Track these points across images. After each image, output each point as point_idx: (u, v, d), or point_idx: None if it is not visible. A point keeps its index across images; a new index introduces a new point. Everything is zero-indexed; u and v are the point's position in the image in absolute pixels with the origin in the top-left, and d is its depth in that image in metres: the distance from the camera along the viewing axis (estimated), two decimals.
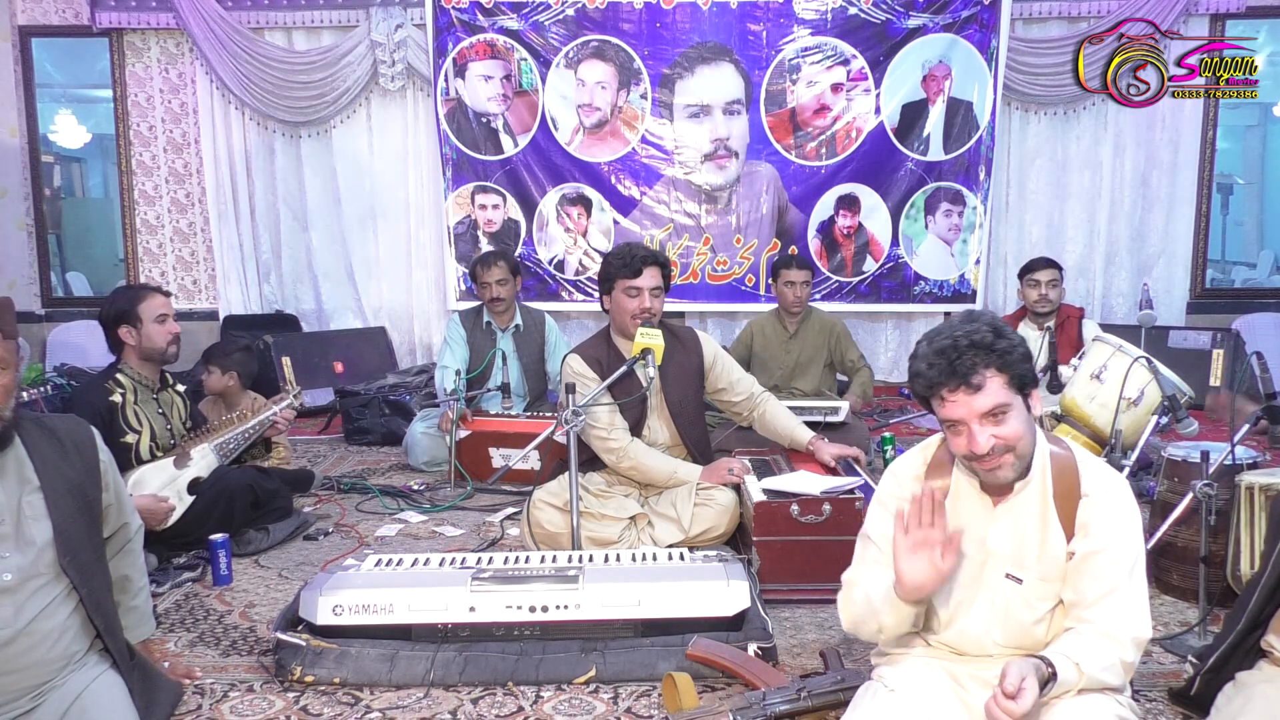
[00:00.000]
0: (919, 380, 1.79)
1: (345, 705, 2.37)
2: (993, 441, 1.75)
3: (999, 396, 1.74)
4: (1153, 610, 2.88)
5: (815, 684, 2.19)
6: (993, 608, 1.86)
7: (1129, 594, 1.77)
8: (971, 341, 1.73)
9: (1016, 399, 1.76)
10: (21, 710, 1.88)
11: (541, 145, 6.38)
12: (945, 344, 1.75)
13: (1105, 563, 1.77)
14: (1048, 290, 4.61)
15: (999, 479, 1.81)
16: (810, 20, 6.19)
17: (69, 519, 1.96)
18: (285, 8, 6.45)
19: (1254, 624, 2.05)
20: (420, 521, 3.90)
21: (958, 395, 1.74)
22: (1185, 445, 3.10)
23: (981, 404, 1.73)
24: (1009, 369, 1.74)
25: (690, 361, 3.49)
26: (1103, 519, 1.79)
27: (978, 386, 1.73)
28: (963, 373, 1.72)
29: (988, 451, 1.75)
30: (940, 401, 1.77)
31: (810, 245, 6.38)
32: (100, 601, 2.02)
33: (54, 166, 7.56)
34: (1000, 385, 1.74)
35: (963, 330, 1.76)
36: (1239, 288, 7.61)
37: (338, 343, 6.39)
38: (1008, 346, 1.75)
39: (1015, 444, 1.77)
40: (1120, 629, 1.74)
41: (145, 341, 3.38)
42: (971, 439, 1.75)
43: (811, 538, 2.93)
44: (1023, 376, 1.77)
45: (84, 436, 2.08)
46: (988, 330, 1.75)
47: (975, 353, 1.72)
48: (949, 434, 1.82)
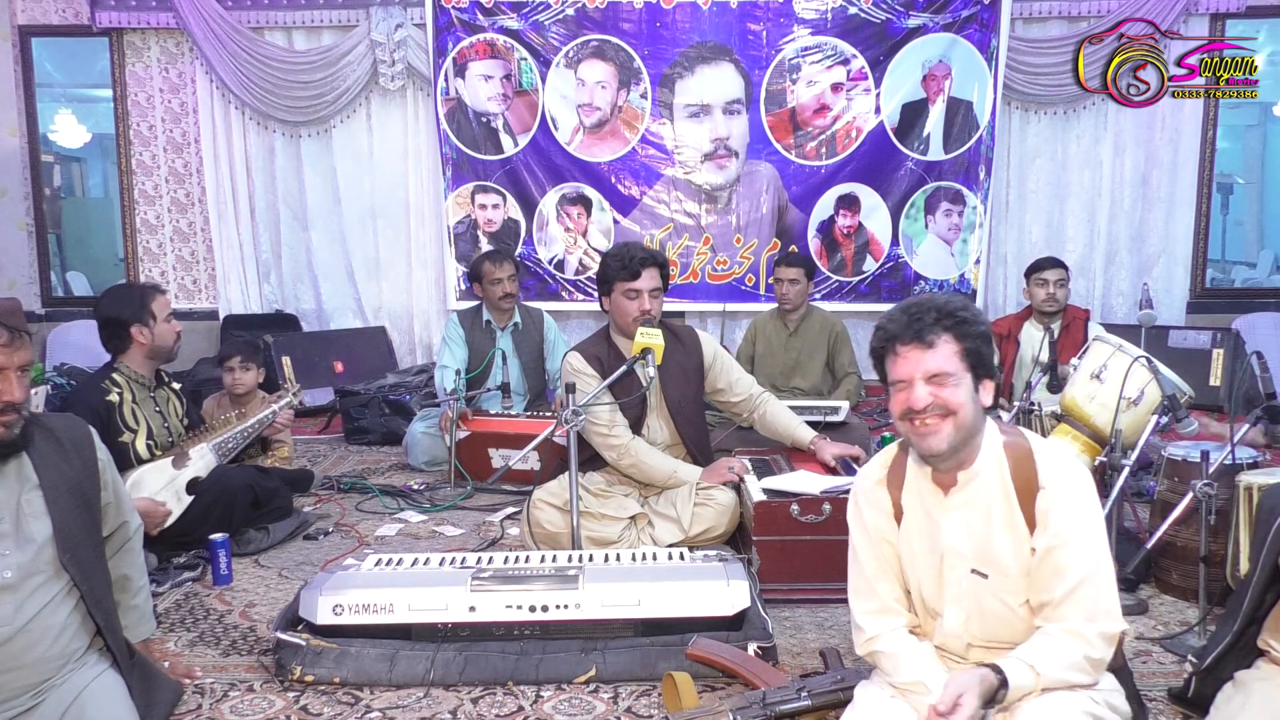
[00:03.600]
0: (879, 333, 1.83)
1: (345, 705, 2.37)
2: (930, 399, 1.75)
3: (948, 364, 1.76)
4: (1153, 610, 2.91)
5: (815, 684, 2.19)
6: (964, 605, 1.85)
7: (1094, 588, 1.75)
8: (936, 305, 1.78)
9: (966, 375, 1.78)
10: (22, 708, 1.89)
11: (541, 145, 6.38)
12: (911, 303, 1.80)
13: (1068, 557, 1.75)
14: (1055, 290, 4.60)
15: (930, 446, 1.78)
16: (810, 20, 6.19)
17: (68, 517, 1.97)
18: (285, 8, 6.45)
19: (1249, 622, 2.05)
20: (420, 521, 3.90)
21: (909, 350, 1.77)
22: (1185, 445, 3.09)
23: (930, 363, 1.76)
24: (964, 339, 1.77)
25: (690, 361, 3.48)
26: (1061, 511, 1.77)
27: (930, 344, 1.76)
28: (918, 329, 1.76)
29: (924, 408, 1.76)
30: (893, 357, 1.80)
31: (810, 245, 6.38)
32: (100, 599, 2.02)
33: (54, 166, 7.56)
34: (952, 353, 1.77)
35: (933, 297, 1.82)
36: (1239, 287, 7.60)
37: (338, 342, 6.39)
38: (970, 319, 1.79)
39: (955, 410, 1.76)
40: (1087, 625, 1.73)
41: (157, 340, 3.39)
42: (910, 392, 1.77)
43: (811, 537, 2.92)
44: (977, 353, 1.78)
45: (82, 435, 2.09)
46: (959, 303, 1.80)
47: (937, 314, 1.77)
48: (894, 394, 1.82)
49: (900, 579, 1.94)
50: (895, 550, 1.92)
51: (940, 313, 1.77)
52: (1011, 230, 6.54)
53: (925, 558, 1.87)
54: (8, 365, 1.91)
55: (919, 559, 1.89)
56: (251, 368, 4.23)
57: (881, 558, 1.93)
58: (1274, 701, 1.90)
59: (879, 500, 1.94)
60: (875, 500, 1.94)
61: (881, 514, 1.93)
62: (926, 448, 1.80)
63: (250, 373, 4.22)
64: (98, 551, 2.07)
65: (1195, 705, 2.17)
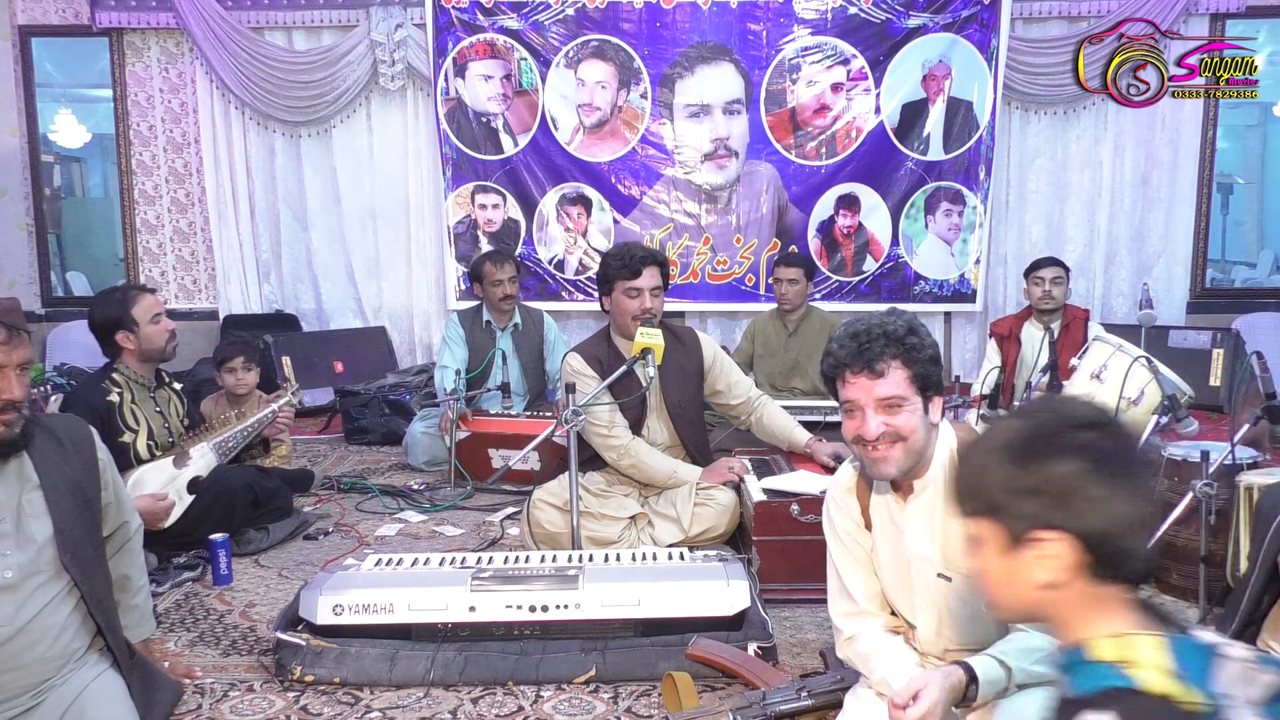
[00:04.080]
0: (828, 359, 1.85)
1: (345, 705, 2.37)
2: (883, 428, 1.79)
3: (898, 389, 1.79)
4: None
5: (815, 684, 2.19)
6: (935, 610, 1.87)
7: None
8: (884, 331, 1.79)
9: (915, 398, 1.80)
10: (22, 708, 1.88)
11: (541, 145, 6.38)
12: (859, 329, 1.82)
13: None
14: (1051, 287, 4.61)
15: (881, 472, 1.83)
16: (810, 20, 6.19)
17: (68, 517, 1.97)
18: (285, 8, 6.45)
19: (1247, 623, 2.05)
20: (420, 521, 3.90)
21: (859, 379, 1.80)
22: (1185, 445, 3.10)
23: (880, 391, 1.78)
24: (913, 365, 1.80)
25: (690, 362, 3.49)
26: None
27: (880, 373, 1.78)
28: (868, 358, 1.78)
29: (876, 437, 1.79)
30: (843, 383, 1.83)
31: (810, 245, 6.38)
32: (101, 599, 2.02)
33: (54, 166, 7.56)
34: (902, 379, 1.79)
35: (879, 321, 1.82)
36: (1239, 287, 7.60)
37: (338, 342, 6.39)
38: (917, 344, 1.80)
39: (907, 436, 1.79)
40: None
41: (145, 344, 3.37)
42: (863, 422, 1.80)
43: (811, 537, 2.91)
44: (926, 377, 1.81)
45: (82, 435, 2.08)
46: (902, 326, 1.81)
47: (885, 342, 1.78)
48: (845, 417, 1.85)
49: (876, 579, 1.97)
50: (868, 553, 1.96)
51: (888, 338, 1.79)
52: (1011, 230, 6.54)
53: (893, 566, 1.90)
54: (7, 363, 1.90)
55: (886, 569, 1.92)
56: (253, 368, 4.24)
57: (856, 560, 1.97)
58: None
59: (849, 507, 1.98)
60: (846, 507, 1.99)
61: (852, 520, 1.98)
62: (877, 472, 1.85)
63: (252, 373, 4.22)
64: (98, 551, 2.06)
65: None
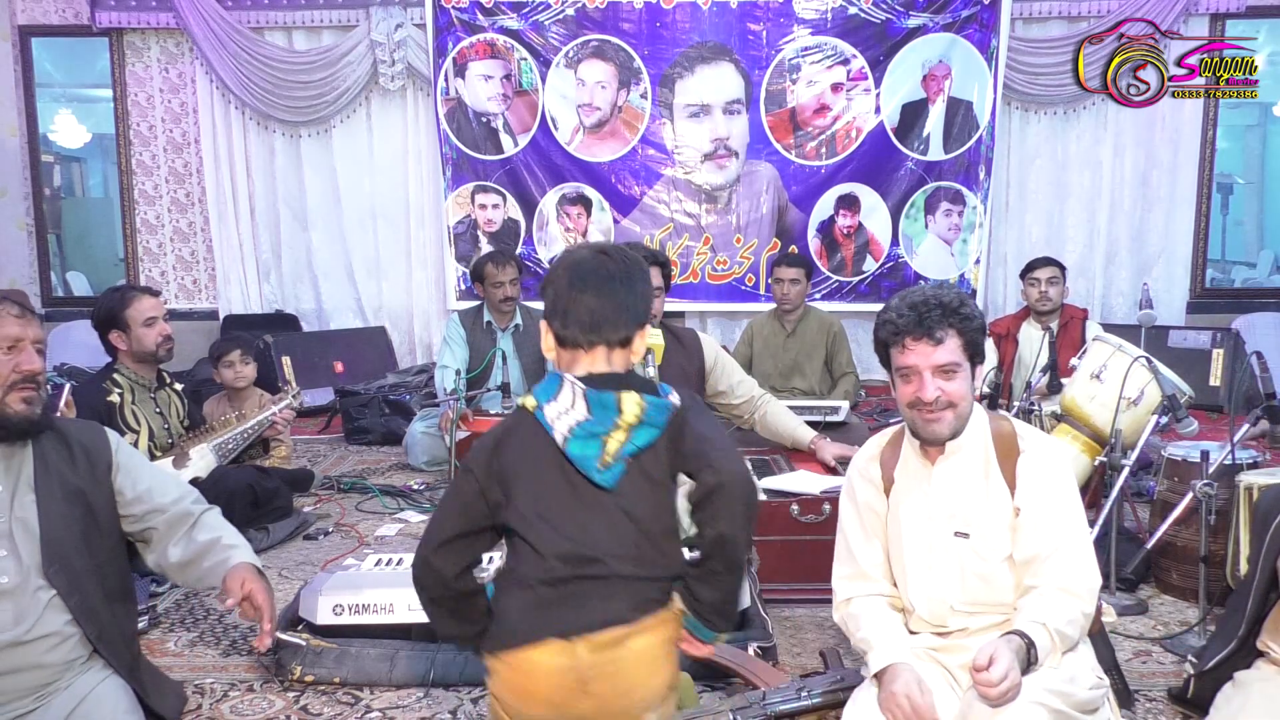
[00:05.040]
0: (887, 326, 1.95)
1: (345, 705, 2.37)
2: (939, 392, 1.89)
3: (954, 355, 1.89)
4: (1153, 610, 2.91)
5: (815, 684, 2.19)
6: (948, 567, 1.93)
7: (1078, 546, 1.87)
8: (940, 302, 1.90)
9: (966, 364, 1.92)
10: (25, 709, 1.86)
11: (541, 145, 6.38)
12: (917, 299, 1.92)
13: (1052, 517, 1.87)
14: (1047, 288, 4.61)
15: (934, 433, 1.93)
16: (810, 20, 6.19)
17: (60, 525, 1.88)
18: (285, 8, 6.45)
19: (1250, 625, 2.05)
20: (420, 521, 3.90)
21: (919, 345, 1.89)
22: (1185, 445, 3.09)
23: (938, 358, 1.89)
24: (966, 334, 1.91)
25: (691, 364, 3.48)
26: (1041, 474, 1.91)
27: (939, 340, 1.88)
28: (928, 326, 1.88)
29: (932, 400, 1.89)
30: (901, 349, 1.92)
31: (810, 245, 6.38)
32: (93, 610, 1.91)
33: (54, 166, 7.56)
34: (956, 346, 1.90)
35: (934, 292, 1.94)
36: (1239, 287, 7.61)
37: (338, 342, 6.39)
38: (970, 313, 1.93)
39: (958, 402, 1.91)
40: (1077, 581, 1.83)
41: (136, 345, 3.38)
42: (921, 386, 1.90)
43: (811, 538, 2.92)
44: (975, 345, 1.93)
45: (96, 442, 2.01)
46: (955, 297, 1.93)
47: (942, 311, 1.89)
48: (900, 383, 1.95)
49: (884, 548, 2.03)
50: (881, 521, 2.03)
51: (944, 309, 1.89)
52: (1011, 230, 6.55)
53: (911, 523, 1.97)
54: (24, 337, 1.87)
55: (904, 525, 1.98)
56: (250, 361, 4.24)
57: (866, 526, 2.04)
58: (1274, 702, 1.90)
59: (870, 473, 2.06)
60: (867, 473, 2.07)
61: (871, 486, 2.05)
62: (932, 434, 1.93)
63: (250, 366, 4.23)
64: (96, 561, 1.96)
65: (1195, 705, 2.17)
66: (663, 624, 1.54)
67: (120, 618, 2.03)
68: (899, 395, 1.95)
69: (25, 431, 1.89)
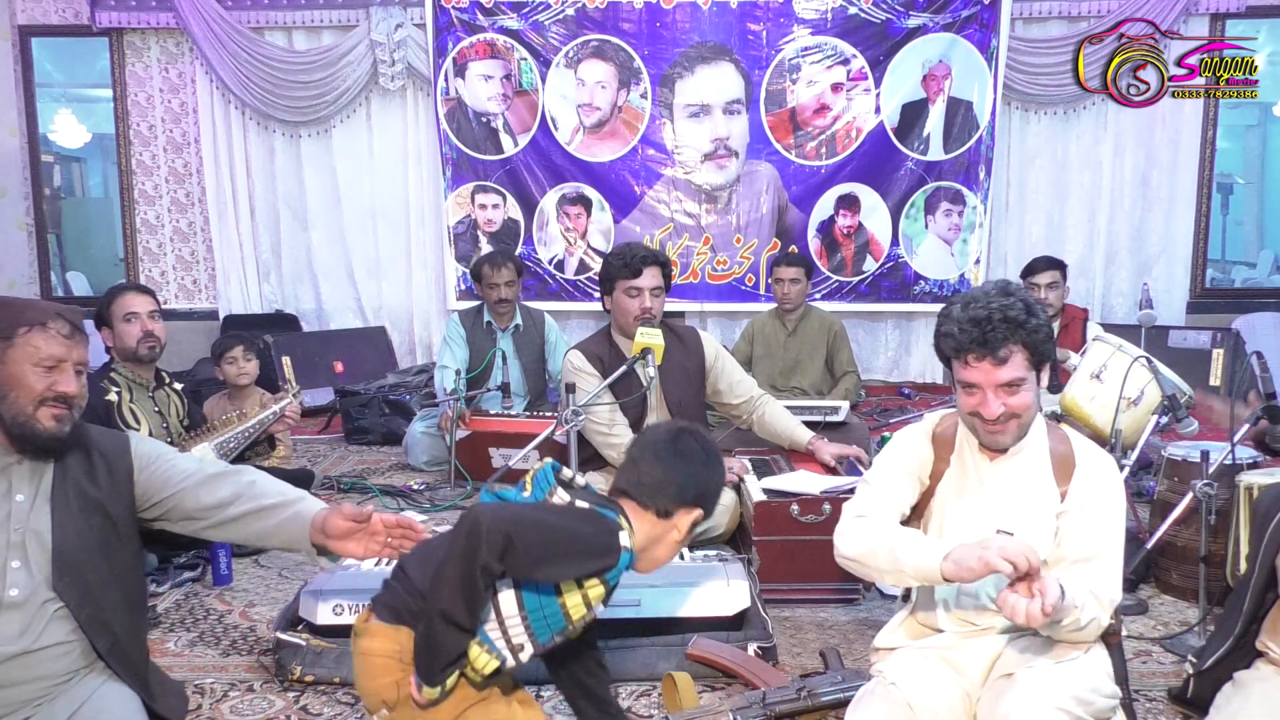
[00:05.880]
0: (948, 340, 1.86)
1: (345, 705, 2.37)
2: (1002, 409, 1.83)
3: (1018, 371, 1.82)
4: (1153, 610, 2.91)
5: (815, 684, 2.19)
6: None
7: (1112, 560, 1.85)
8: (1006, 317, 1.80)
9: (1031, 375, 1.85)
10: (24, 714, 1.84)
11: (541, 145, 6.38)
12: (980, 313, 1.81)
13: (1095, 527, 1.85)
14: (1047, 294, 4.56)
15: (998, 443, 1.89)
16: (810, 20, 6.19)
17: (75, 538, 1.85)
18: (285, 8, 6.45)
19: (1249, 624, 2.05)
20: (420, 521, 3.88)
21: (982, 364, 1.82)
22: (1185, 445, 3.09)
23: (1002, 376, 1.82)
24: (1033, 347, 1.83)
25: (692, 362, 3.49)
26: (1093, 486, 1.88)
27: (1003, 359, 1.81)
28: (992, 344, 1.80)
29: (996, 417, 1.83)
30: (963, 365, 1.85)
31: (810, 245, 6.38)
32: (106, 622, 1.88)
33: (54, 166, 7.57)
34: (1022, 361, 1.82)
35: (998, 304, 1.82)
36: (1239, 287, 7.61)
37: (338, 342, 6.39)
38: (1036, 326, 1.83)
39: (1022, 414, 1.85)
40: (1104, 590, 1.81)
41: (117, 342, 3.37)
42: (984, 404, 1.84)
43: (811, 538, 2.92)
44: (1042, 353, 1.85)
45: (117, 449, 1.98)
46: (1021, 308, 1.82)
47: (1007, 328, 1.80)
48: (962, 393, 1.88)
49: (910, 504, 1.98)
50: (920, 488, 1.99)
51: (1009, 324, 1.80)
52: (1011, 230, 6.55)
53: (956, 514, 1.94)
54: (66, 359, 1.86)
55: (948, 514, 1.96)
56: (253, 357, 4.24)
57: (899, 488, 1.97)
58: (1273, 702, 1.90)
59: (923, 450, 2.00)
60: (919, 448, 2.00)
61: (920, 458, 2.00)
62: (994, 444, 1.90)
63: (252, 363, 4.23)
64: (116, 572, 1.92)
65: (1195, 705, 2.17)
66: (387, 637, 1.67)
67: (137, 625, 2.01)
68: (960, 403, 1.90)
69: (51, 450, 1.87)
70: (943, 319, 1.89)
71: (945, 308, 1.90)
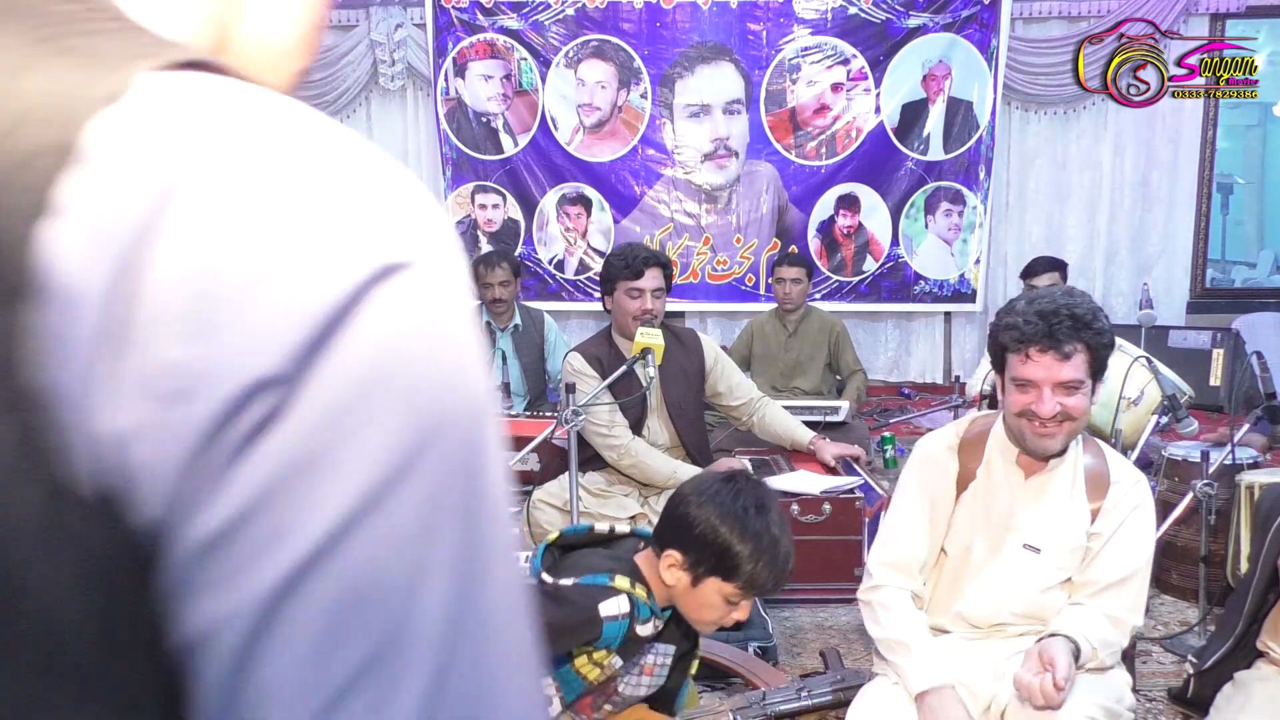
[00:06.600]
0: (1013, 332, 1.81)
1: None
2: (1058, 409, 1.79)
3: (1078, 372, 1.79)
4: (1153, 610, 2.91)
5: (815, 684, 2.19)
6: (1009, 576, 1.89)
7: (1138, 585, 1.83)
8: (1074, 314, 1.78)
9: (1089, 381, 1.81)
10: None
11: (541, 145, 6.38)
12: (1048, 307, 1.79)
13: (1123, 551, 1.83)
14: None
15: (1045, 447, 1.84)
16: (810, 20, 6.19)
17: None
18: None
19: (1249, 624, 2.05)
20: None
21: (1045, 358, 1.78)
22: (1185, 445, 3.09)
23: (1064, 374, 1.78)
24: (1095, 350, 1.80)
25: (691, 364, 3.49)
26: (1127, 508, 1.85)
27: (1067, 355, 1.77)
28: (1059, 339, 1.76)
29: (1050, 416, 1.79)
30: (1023, 359, 1.80)
31: (810, 245, 6.38)
32: None
33: None
34: (1084, 362, 1.79)
35: (1066, 301, 1.80)
36: (1239, 287, 7.61)
37: None
38: (1101, 329, 1.81)
39: (1077, 417, 1.81)
40: (1125, 617, 1.80)
41: None
42: (1040, 401, 1.79)
43: (811, 538, 2.92)
44: (1102, 361, 1.82)
45: None
46: (1088, 310, 1.80)
47: (1074, 325, 1.77)
48: (1015, 391, 1.83)
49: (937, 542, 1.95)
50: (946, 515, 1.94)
51: (1076, 322, 1.77)
52: (1011, 230, 6.54)
53: (984, 527, 1.91)
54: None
55: (975, 526, 1.92)
56: None
57: (924, 517, 1.94)
58: (1274, 702, 1.91)
59: (945, 465, 1.96)
60: (942, 464, 1.96)
61: (945, 477, 1.95)
62: (1041, 448, 1.85)
63: None
64: None
65: (1195, 705, 2.17)
66: None
67: None
68: (1009, 402, 1.85)
69: None
70: (1004, 314, 1.86)
71: (1008, 304, 1.87)
